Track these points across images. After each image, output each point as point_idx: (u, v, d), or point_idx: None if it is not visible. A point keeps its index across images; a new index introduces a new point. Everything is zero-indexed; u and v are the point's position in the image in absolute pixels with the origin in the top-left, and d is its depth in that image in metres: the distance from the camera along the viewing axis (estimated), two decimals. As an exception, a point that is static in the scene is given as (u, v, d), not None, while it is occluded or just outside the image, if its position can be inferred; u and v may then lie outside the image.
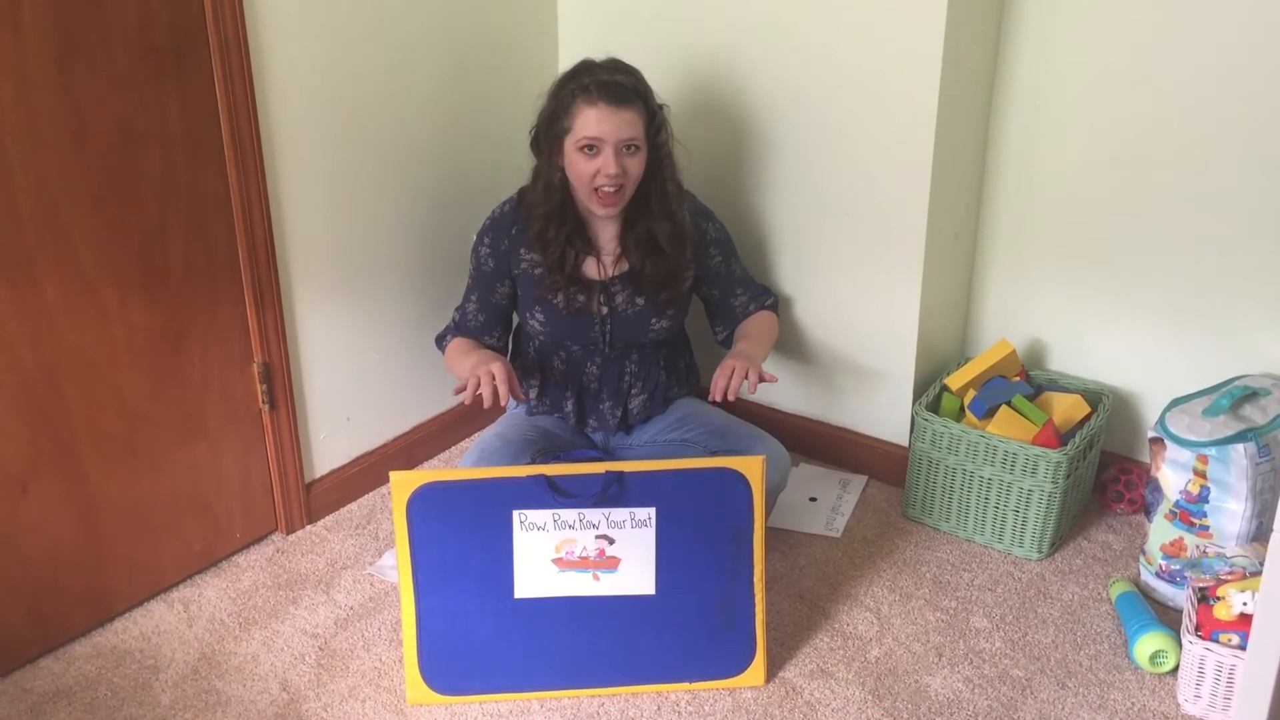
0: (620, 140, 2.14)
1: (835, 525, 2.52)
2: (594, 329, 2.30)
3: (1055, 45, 2.39)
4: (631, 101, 2.15)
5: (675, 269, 2.29)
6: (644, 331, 2.33)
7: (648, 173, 2.23)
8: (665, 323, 2.34)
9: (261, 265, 2.26)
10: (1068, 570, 2.38)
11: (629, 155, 2.17)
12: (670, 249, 2.27)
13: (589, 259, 2.29)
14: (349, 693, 2.07)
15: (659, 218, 2.26)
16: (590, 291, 2.28)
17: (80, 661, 2.14)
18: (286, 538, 2.50)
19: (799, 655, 2.15)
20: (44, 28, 1.86)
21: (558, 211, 2.24)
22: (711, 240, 2.39)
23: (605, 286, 2.29)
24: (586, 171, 2.16)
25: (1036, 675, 2.10)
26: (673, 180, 2.26)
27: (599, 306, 2.29)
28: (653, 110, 2.21)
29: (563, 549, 2.00)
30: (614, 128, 2.13)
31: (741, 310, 2.45)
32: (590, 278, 2.29)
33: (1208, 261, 2.36)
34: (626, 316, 2.31)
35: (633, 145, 2.16)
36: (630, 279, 2.29)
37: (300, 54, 2.24)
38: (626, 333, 2.32)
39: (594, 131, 2.13)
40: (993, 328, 2.69)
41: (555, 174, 2.22)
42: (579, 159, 2.16)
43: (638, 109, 2.16)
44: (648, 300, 2.30)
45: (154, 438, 2.21)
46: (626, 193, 2.21)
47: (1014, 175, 2.53)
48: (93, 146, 1.97)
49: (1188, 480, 2.18)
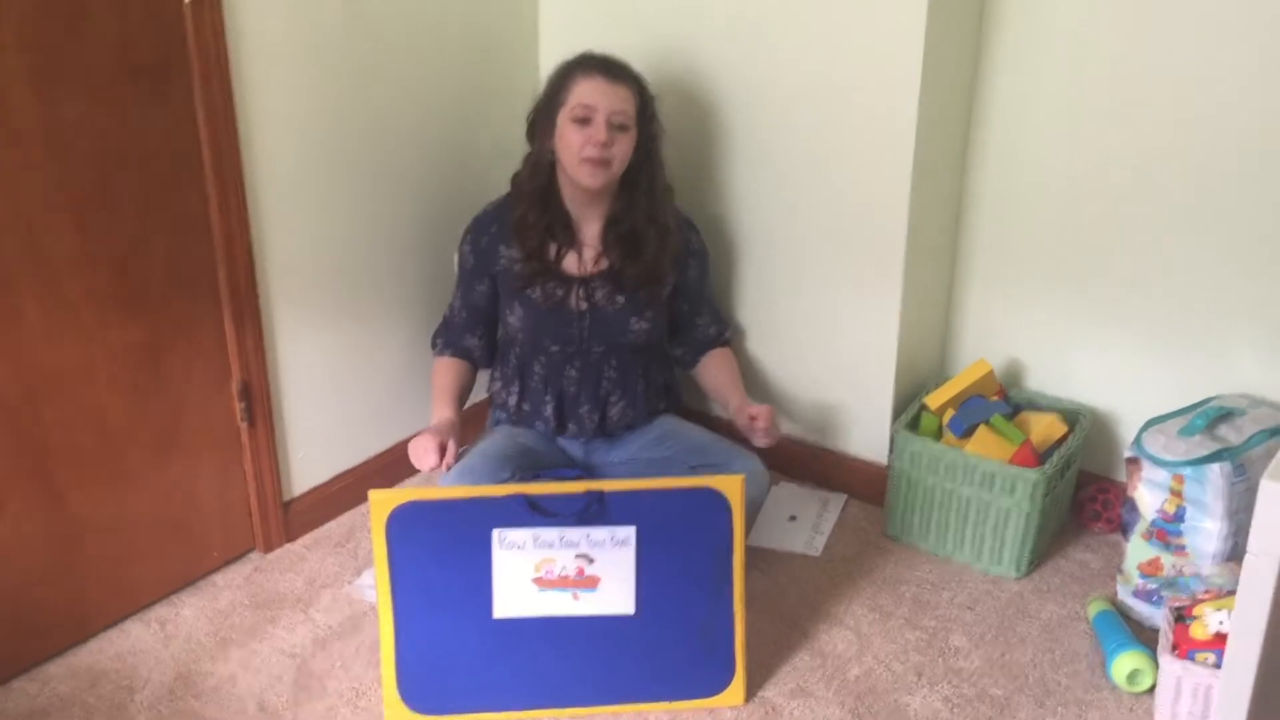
0: (613, 111, 2.19)
1: (815, 544, 2.52)
2: (572, 325, 2.31)
3: (1035, 61, 2.40)
4: (627, 80, 2.23)
5: (654, 271, 2.31)
6: (623, 331, 2.34)
7: (635, 164, 2.26)
8: (644, 324, 2.35)
9: (241, 283, 2.26)
10: (1046, 589, 2.39)
11: (619, 131, 2.21)
12: (651, 251, 2.29)
13: (570, 253, 2.31)
14: (326, 713, 2.06)
15: (643, 218, 2.28)
16: (569, 286, 2.30)
17: (55, 682, 2.12)
18: (265, 556, 2.48)
19: (779, 674, 2.15)
20: (24, 45, 1.85)
21: (541, 194, 2.28)
22: (693, 252, 2.41)
23: (585, 282, 2.31)
24: (576, 142, 2.20)
25: (1015, 694, 2.10)
26: (660, 179, 2.30)
27: (578, 302, 2.30)
28: (646, 97, 2.26)
29: (542, 568, 1.99)
30: (608, 99, 2.19)
31: (702, 335, 2.49)
32: (570, 273, 2.31)
33: (1185, 281, 2.38)
34: (606, 314, 2.32)
35: (623, 123, 2.21)
36: (610, 276, 2.31)
37: (281, 73, 2.24)
38: (605, 331, 2.33)
39: (588, 99, 2.19)
40: (971, 347, 2.70)
41: (546, 155, 2.27)
42: (570, 130, 2.20)
43: (632, 88, 2.23)
44: (628, 299, 2.32)
45: (131, 456, 2.20)
46: (614, 170, 2.23)
47: (993, 195, 2.55)
48: (71, 164, 1.97)
49: (1164, 500, 2.19)
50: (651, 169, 2.29)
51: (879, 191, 2.41)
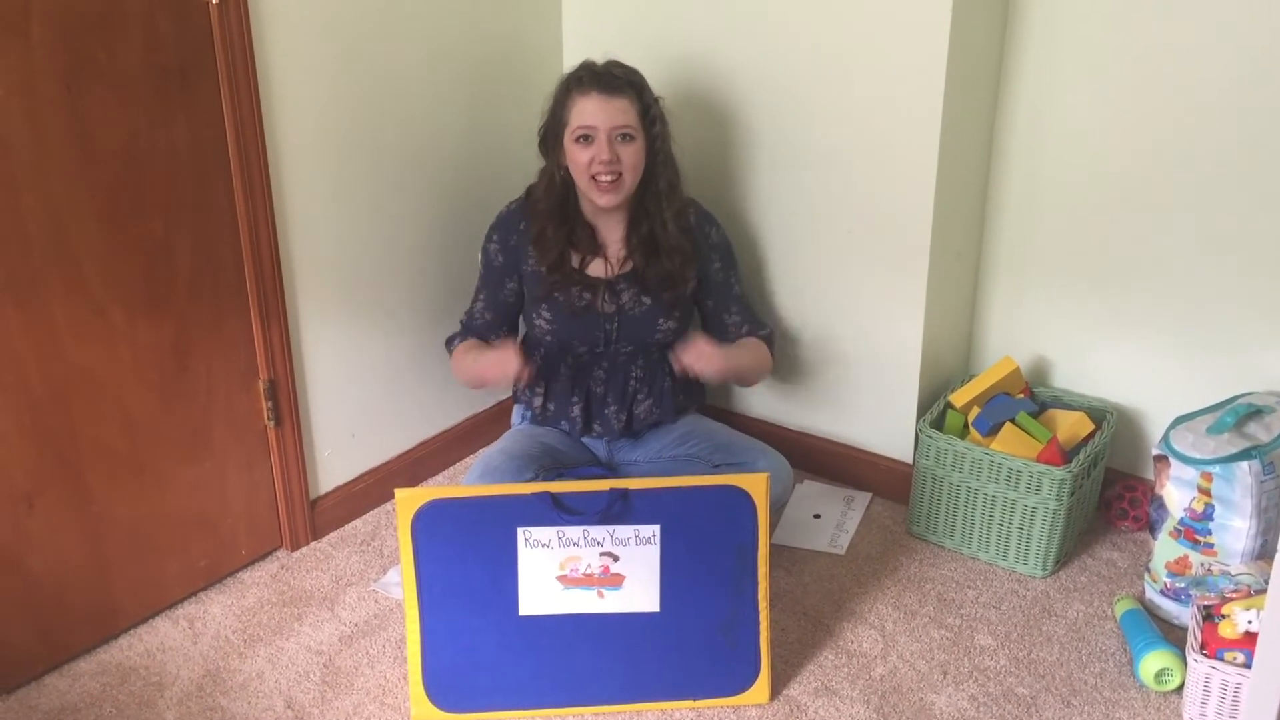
0: (613, 127, 2.18)
1: (839, 542, 2.52)
2: (600, 328, 2.31)
3: (1058, 61, 2.39)
4: (624, 90, 2.21)
5: (677, 271, 2.30)
6: (651, 331, 2.34)
7: (648, 166, 2.26)
8: (672, 324, 2.35)
9: (267, 282, 2.27)
10: (1072, 588, 2.38)
11: (623, 144, 2.20)
12: (671, 251, 2.29)
13: (595, 259, 2.31)
14: (353, 710, 2.07)
15: (661, 217, 2.27)
16: (596, 290, 2.30)
17: (85, 679, 2.14)
18: (291, 554, 2.50)
19: (803, 673, 2.15)
20: (52, 47, 1.87)
21: (558, 210, 2.28)
22: (713, 245, 2.40)
23: (611, 285, 2.31)
24: (583, 161, 2.20)
25: (1041, 693, 2.09)
26: (667, 179, 2.29)
27: (604, 305, 2.30)
28: (647, 102, 2.24)
29: (567, 566, 2.00)
30: (606, 115, 2.18)
31: (735, 331, 2.44)
32: (596, 277, 2.31)
33: (1212, 278, 2.36)
34: (634, 316, 2.32)
35: (626, 133, 2.20)
36: (635, 278, 2.31)
37: (307, 72, 2.25)
38: (633, 332, 2.33)
39: (588, 120, 2.19)
40: (996, 345, 2.69)
41: (559, 172, 2.27)
42: (576, 150, 2.21)
43: (630, 98, 2.21)
44: (654, 300, 2.31)
45: (159, 454, 2.21)
46: (626, 183, 2.23)
47: (1017, 193, 2.54)
48: (100, 165, 1.98)
49: (1192, 498, 2.18)
50: (662, 168, 2.28)
51: (903, 191, 2.41)
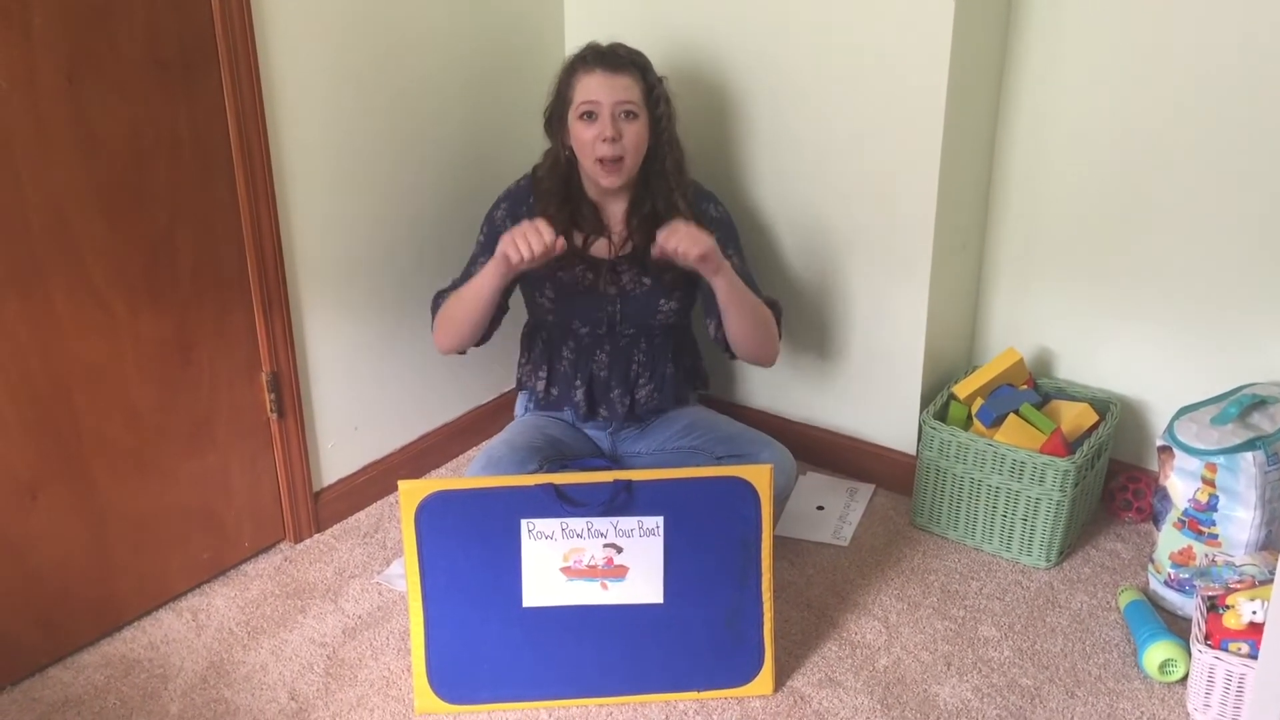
0: (616, 103, 2.18)
1: (843, 534, 2.52)
2: (602, 308, 2.31)
3: (1062, 53, 2.38)
4: (627, 68, 2.21)
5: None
6: (652, 312, 2.33)
7: (650, 146, 2.26)
8: (674, 304, 2.34)
9: (270, 275, 2.27)
10: (1076, 579, 2.38)
11: (626, 121, 2.20)
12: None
13: (599, 239, 2.31)
14: (357, 702, 2.07)
15: (664, 198, 2.27)
16: (598, 270, 2.29)
17: (89, 671, 2.14)
18: (295, 547, 2.50)
19: (807, 664, 2.15)
20: (53, 40, 1.87)
21: (561, 189, 2.28)
22: (712, 220, 2.36)
23: (613, 265, 2.30)
24: (587, 139, 2.20)
25: (1045, 684, 2.09)
26: (674, 158, 2.28)
27: (606, 285, 2.30)
28: (651, 82, 2.25)
29: (571, 558, 2.00)
30: (609, 91, 2.18)
31: None
32: (599, 257, 2.31)
33: (1216, 269, 2.35)
34: (635, 296, 2.32)
35: (629, 110, 2.20)
36: (636, 258, 2.30)
37: (309, 65, 2.24)
38: (635, 313, 2.32)
39: (592, 95, 2.19)
40: (1000, 336, 2.68)
41: (563, 152, 2.27)
42: (580, 128, 2.21)
43: (634, 76, 2.22)
44: (655, 280, 2.31)
45: (162, 447, 2.21)
46: (629, 164, 2.22)
47: (1021, 184, 2.53)
48: (102, 158, 1.98)
49: (1196, 489, 2.18)
50: (667, 149, 2.28)
51: (908, 182, 2.40)
